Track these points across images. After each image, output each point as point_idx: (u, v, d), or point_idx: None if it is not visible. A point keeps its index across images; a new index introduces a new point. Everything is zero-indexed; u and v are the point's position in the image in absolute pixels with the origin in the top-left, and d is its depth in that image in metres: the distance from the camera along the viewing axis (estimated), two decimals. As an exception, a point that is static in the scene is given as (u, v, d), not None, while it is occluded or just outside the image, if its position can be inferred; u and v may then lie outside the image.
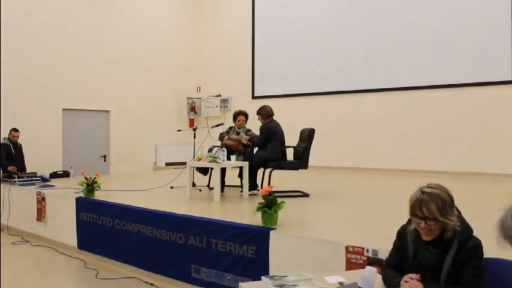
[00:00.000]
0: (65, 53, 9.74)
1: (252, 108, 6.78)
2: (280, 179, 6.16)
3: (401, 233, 2.36)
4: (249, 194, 5.81)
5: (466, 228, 2.19)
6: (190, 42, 12.83)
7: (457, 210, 2.21)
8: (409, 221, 2.31)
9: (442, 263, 2.16)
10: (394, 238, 2.45)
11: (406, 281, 2.12)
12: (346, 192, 6.67)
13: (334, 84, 10.44)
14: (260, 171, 6.05)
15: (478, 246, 2.16)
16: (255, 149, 6.31)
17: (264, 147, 6.01)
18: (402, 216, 2.75)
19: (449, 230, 2.13)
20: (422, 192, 2.14)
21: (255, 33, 11.88)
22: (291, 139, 6.33)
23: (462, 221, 2.20)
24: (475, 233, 2.22)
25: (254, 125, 6.55)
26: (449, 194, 2.18)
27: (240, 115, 6.58)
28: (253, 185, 5.95)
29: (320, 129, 6.55)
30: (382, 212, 4.84)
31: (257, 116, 6.28)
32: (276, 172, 5.95)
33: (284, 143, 6.14)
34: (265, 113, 6.18)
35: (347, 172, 9.62)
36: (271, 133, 6.02)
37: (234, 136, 6.42)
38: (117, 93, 10.79)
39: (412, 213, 2.17)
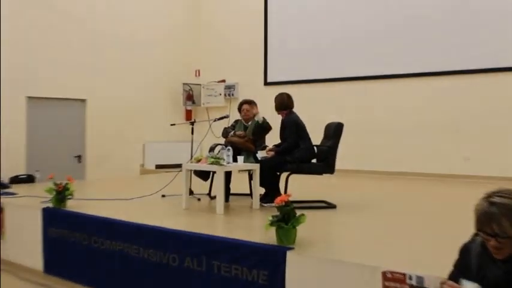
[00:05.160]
0: (30, 28, 9.79)
1: (264, 96, 6.77)
2: (299, 186, 6.14)
3: (464, 250, 2.37)
4: (267, 206, 5.75)
5: None
6: (187, 14, 12.89)
7: None
8: (473, 239, 2.32)
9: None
10: (444, 260, 2.49)
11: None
12: (382, 202, 6.66)
13: (362, 68, 10.44)
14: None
15: None
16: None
17: (297, 145, 6.03)
18: (454, 232, 2.72)
19: None
20: (491, 203, 2.10)
21: (268, 5, 11.87)
22: (312, 136, 6.29)
23: None
24: None
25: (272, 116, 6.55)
26: None
27: (245, 104, 6.63)
28: (276, 193, 5.57)
29: (348, 124, 6.42)
30: (428, 229, 4.81)
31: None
32: (294, 177, 5.93)
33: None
34: (278, 104, 6.23)
35: (382, 178, 9.60)
36: (300, 126, 6.12)
37: (240, 132, 6.42)
38: (95, 78, 10.85)
39: (479, 228, 2.15)
